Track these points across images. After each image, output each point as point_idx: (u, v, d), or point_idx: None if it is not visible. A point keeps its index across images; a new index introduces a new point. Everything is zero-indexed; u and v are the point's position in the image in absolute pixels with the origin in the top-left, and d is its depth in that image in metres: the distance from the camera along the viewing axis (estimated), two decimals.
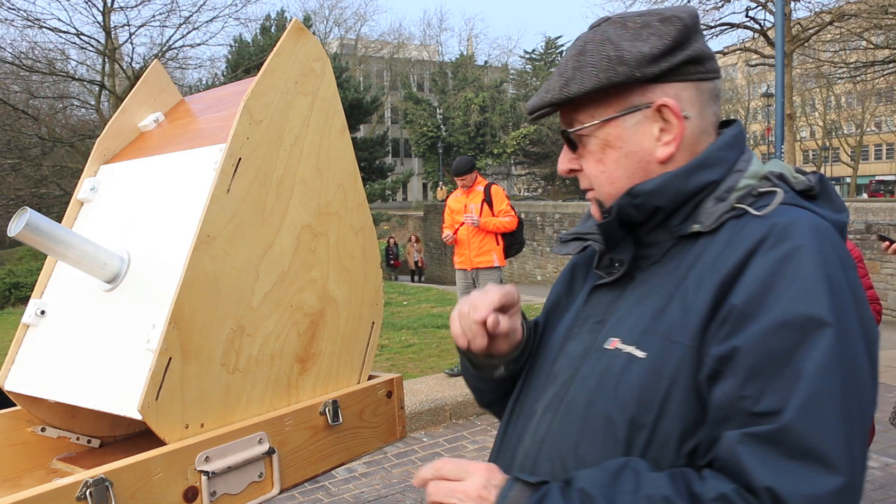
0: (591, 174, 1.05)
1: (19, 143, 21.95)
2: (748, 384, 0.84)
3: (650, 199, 1.00)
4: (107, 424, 1.28)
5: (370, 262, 1.31)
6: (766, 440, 0.81)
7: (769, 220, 0.92)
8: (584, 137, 1.05)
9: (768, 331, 0.84)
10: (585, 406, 0.98)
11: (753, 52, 22.41)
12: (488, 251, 6.71)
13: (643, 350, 0.95)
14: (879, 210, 10.20)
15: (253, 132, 1.11)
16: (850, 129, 47.74)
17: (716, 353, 0.87)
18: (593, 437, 0.96)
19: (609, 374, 0.97)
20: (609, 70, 0.99)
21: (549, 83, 1.05)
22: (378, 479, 4.43)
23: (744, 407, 0.84)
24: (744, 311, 0.87)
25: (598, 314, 1.07)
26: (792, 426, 0.80)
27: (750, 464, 0.81)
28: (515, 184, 53.55)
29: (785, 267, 0.87)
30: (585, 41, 1.04)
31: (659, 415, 0.91)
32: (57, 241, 1.07)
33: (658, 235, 1.03)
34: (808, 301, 0.84)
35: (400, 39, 54.11)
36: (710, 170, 1.02)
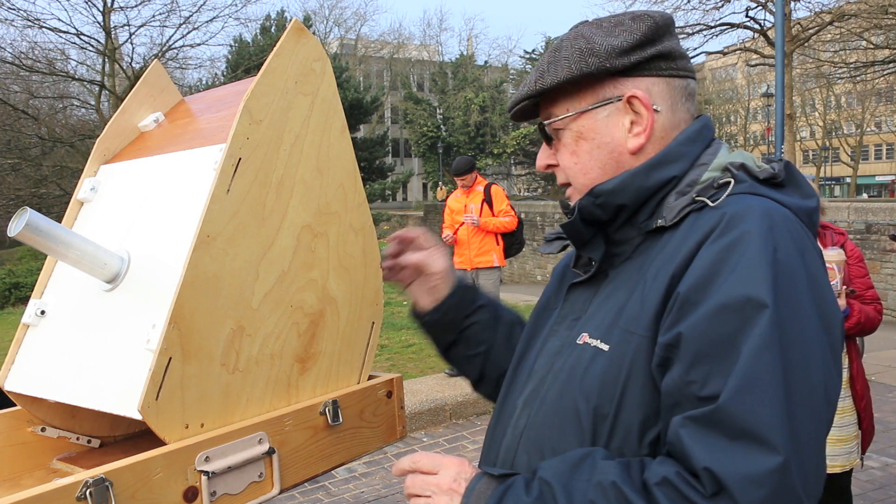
0: (566, 166, 1.09)
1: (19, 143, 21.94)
2: (693, 369, 0.85)
3: (612, 197, 1.02)
4: (107, 424, 1.28)
5: (370, 262, 1.31)
6: (704, 422, 0.82)
7: (720, 210, 0.94)
8: (559, 131, 1.08)
9: (710, 315, 0.85)
10: (557, 399, 1.01)
11: (753, 52, 22.40)
12: (488, 251, 6.72)
13: (607, 343, 0.98)
14: (879, 210, 10.19)
15: (253, 132, 1.11)
16: (850, 129, 47.72)
17: (663, 340, 0.89)
18: (563, 429, 0.98)
19: (577, 368, 1.00)
20: (581, 61, 1.02)
21: (527, 79, 1.09)
22: (378, 479, 4.43)
23: (691, 392, 0.85)
24: (688, 297, 0.88)
25: (575, 311, 1.09)
26: (728, 407, 0.81)
27: (690, 446, 0.82)
28: (515, 184, 53.54)
29: (730, 253, 0.88)
30: (562, 40, 1.08)
31: (619, 405, 0.93)
32: (57, 241, 1.07)
33: (627, 232, 1.05)
34: (748, 283, 0.85)
35: (400, 39, 54.09)
36: (670, 165, 1.03)
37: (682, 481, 0.81)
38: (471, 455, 4.81)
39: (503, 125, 45.84)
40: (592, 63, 1.02)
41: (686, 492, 0.81)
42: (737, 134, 48.61)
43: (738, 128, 48.99)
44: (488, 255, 6.72)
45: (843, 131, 47.86)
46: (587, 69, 1.02)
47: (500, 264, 6.81)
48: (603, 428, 0.94)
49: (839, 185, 54.69)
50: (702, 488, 0.80)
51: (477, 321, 1.32)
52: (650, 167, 1.02)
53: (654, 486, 0.82)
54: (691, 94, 1.08)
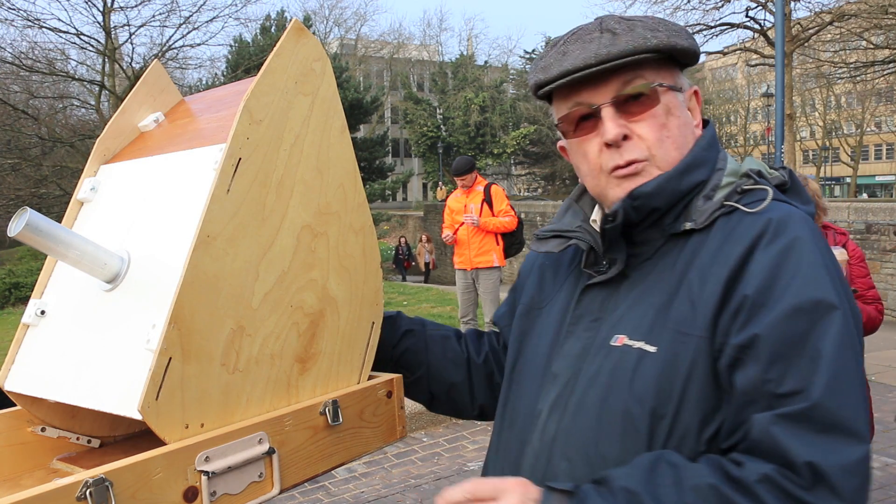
0: (657, 139, 1.03)
1: (19, 143, 21.94)
2: (770, 368, 0.88)
3: (649, 200, 1.02)
4: (107, 424, 1.28)
5: (370, 262, 1.31)
6: (798, 419, 0.86)
7: (763, 215, 0.97)
8: (648, 99, 1.03)
9: (784, 317, 0.89)
10: (600, 403, 0.99)
11: (753, 52, 22.40)
12: (488, 251, 6.72)
13: (652, 344, 0.98)
14: (879, 210, 10.20)
15: (253, 132, 1.11)
16: (850, 129, 47.70)
17: (736, 342, 0.91)
18: (613, 433, 0.97)
19: (622, 371, 0.99)
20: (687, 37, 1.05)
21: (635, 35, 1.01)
22: (378, 479, 4.43)
23: (768, 390, 0.88)
24: (756, 300, 0.91)
25: (592, 312, 1.08)
26: (822, 403, 0.85)
27: (786, 442, 0.85)
28: (515, 184, 53.55)
29: (787, 257, 0.92)
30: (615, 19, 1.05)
31: (679, 405, 0.94)
32: (57, 241, 1.07)
33: (650, 234, 1.06)
34: (815, 287, 0.90)
35: (400, 39, 54.10)
36: (699, 170, 1.05)
37: (783, 477, 0.84)
38: (471, 455, 4.81)
39: (503, 125, 45.84)
40: (690, 44, 1.04)
41: (788, 487, 0.83)
42: (737, 134, 48.59)
43: (738, 128, 48.96)
44: (488, 255, 6.72)
45: (843, 131, 47.84)
46: (690, 47, 1.04)
47: (500, 264, 6.81)
48: (660, 429, 0.94)
49: (839, 185, 54.67)
50: (802, 481, 0.83)
51: (406, 348, 1.34)
52: (682, 171, 1.03)
53: (756, 484, 0.84)
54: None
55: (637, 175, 1.04)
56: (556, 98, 1.11)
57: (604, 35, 1.01)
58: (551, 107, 1.17)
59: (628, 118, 1.03)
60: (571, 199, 1.24)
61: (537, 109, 43.07)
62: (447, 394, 1.35)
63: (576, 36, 1.05)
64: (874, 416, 3.12)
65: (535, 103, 40.73)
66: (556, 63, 1.04)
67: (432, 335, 1.36)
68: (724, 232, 0.99)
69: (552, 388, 1.07)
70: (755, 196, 1.02)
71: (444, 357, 1.34)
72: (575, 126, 1.08)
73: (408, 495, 4.19)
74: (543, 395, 1.08)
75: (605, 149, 1.05)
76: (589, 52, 1.01)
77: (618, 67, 1.01)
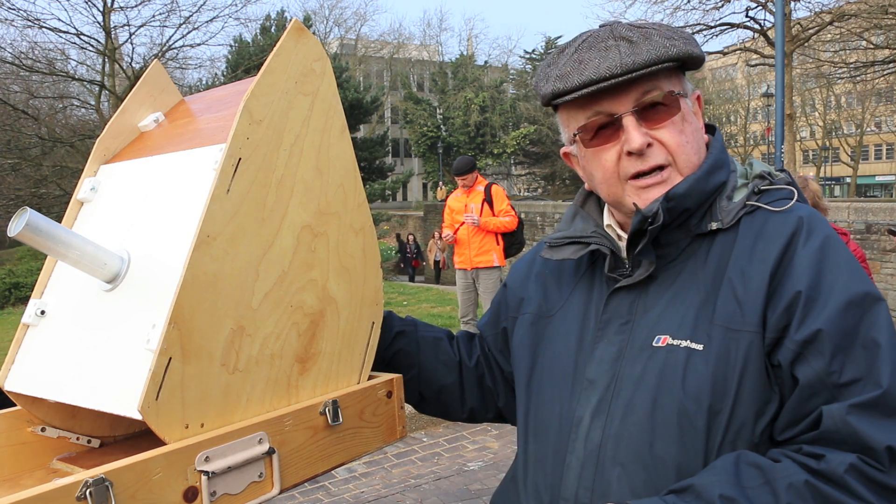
0: (678, 144, 1.05)
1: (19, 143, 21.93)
2: (833, 360, 0.92)
3: (682, 201, 1.04)
4: (107, 424, 1.28)
5: (370, 262, 1.31)
6: (871, 406, 0.89)
7: (792, 214, 1.02)
8: (665, 108, 1.05)
9: (840, 311, 0.93)
10: (651, 404, 1.00)
11: (753, 52, 22.40)
12: (488, 251, 6.72)
13: (698, 342, 0.99)
14: (879, 210, 10.20)
15: (253, 132, 1.11)
16: (850, 129, 47.69)
17: (799, 337, 0.94)
18: (668, 433, 0.98)
19: (671, 370, 1.00)
20: (694, 45, 1.06)
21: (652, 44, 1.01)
22: (378, 479, 4.43)
23: (831, 381, 0.92)
24: (810, 296, 0.95)
25: (621, 315, 1.08)
26: (891, 390, 0.89)
27: (864, 429, 0.88)
28: (515, 184, 53.55)
29: (827, 254, 0.97)
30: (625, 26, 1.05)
31: (735, 399, 0.96)
32: (57, 241, 1.07)
33: (676, 235, 1.07)
34: (858, 281, 0.95)
35: (400, 39, 54.10)
36: (720, 171, 1.08)
37: (864, 464, 0.88)
38: (471, 455, 4.81)
39: (503, 125, 45.85)
40: (698, 53, 1.06)
41: (870, 472, 0.87)
42: (737, 134, 48.58)
43: (738, 128, 48.96)
44: (488, 255, 6.72)
45: (843, 131, 47.84)
46: (701, 54, 1.06)
47: (500, 264, 6.81)
48: (718, 425, 0.96)
49: (839, 185, 54.67)
50: (881, 465, 0.87)
51: (399, 350, 1.35)
52: (708, 172, 1.06)
53: (845, 475, 0.87)
54: None
55: (662, 184, 1.05)
56: (572, 107, 1.09)
57: (620, 43, 1.01)
58: (557, 114, 1.16)
59: (650, 126, 1.04)
60: (577, 206, 1.23)
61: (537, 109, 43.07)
62: (437, 396, 1.36)
63: (588, 43, 1.05)
64: None
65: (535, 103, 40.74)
66: (574, 72, 1.03)
67: (424, 337, 1.36)
68: (753, 230, 1.02)
69: (591, 394, 1.06)
70: (774, 196, 1.06)
71: (435, 359, 1.35)
72: (593, 135, 1.08)
73: (408, 495, 4.19)
74: (582, 402, 1.07)
75: (625, 156, 1.05)
76: (611, 61, 1.00)
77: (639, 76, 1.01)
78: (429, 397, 1.37)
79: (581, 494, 1.02)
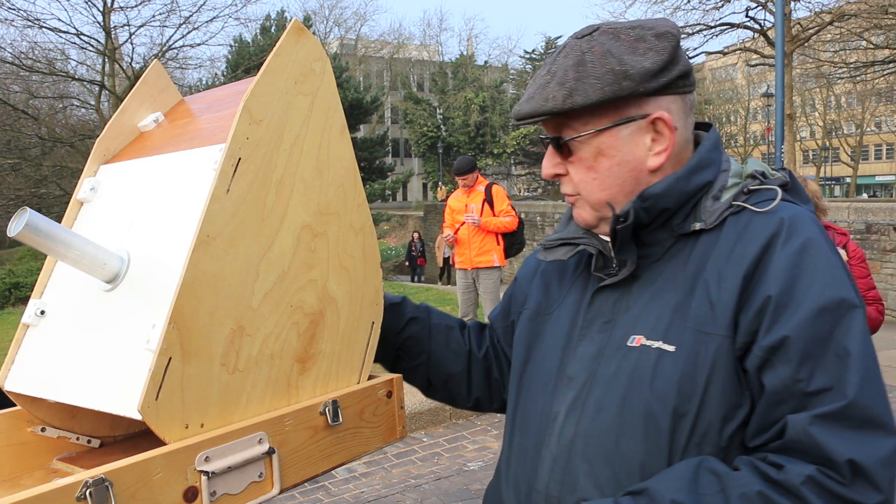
0: (581, 180, 1.09)
1: (19, 143, 21.94)
2: (800, 368, 0.90)
3: (659, 201, 1.04)
4: (107, 424, 1.28)
5: (370, 262, 1.31)
6: (835, 417, 0.88)
7: (774, 215, 0.99)
8: (576, 144, 1.07)
9: (811, 317, 0.91)
10: (620, 403, 1.00)
11: (753, 52, 22.40)
12: (489, 251, 6.72)
13: (671, 344, 0.99)
14: (879, 210, 10.20)
15: (253, 132, 1.11)
16: (850, 129, 47.69)
17: (765, 343, 0.92)
18: (634, 433, 0.98)
19: (641, 370, 1.00)
20: (615, 84, 1.01)
21: (546, 91, 1.05)
22: (378, 479, 4.43)
23: (799, 389, 0.90)
24: (780, 300, 0.93)
25: (604, 314, 1.09)
26: (857, 401, 0.87)
27: (826, 441, 0.87)
28: (515, 184, 53.55)
29: (804, 258, 0.94)
30: (583, 52, 1.05)
31: (701, 403, 0.95)
32: (57, 241, 1.07)
33: (659, 235, 1.07)
34: (835, 286, 0.93)
35: (400, 39, 54.10)
36: (706, 170, 1.07)
37: (823, 476, 0.86)
38: (471, 455, 4.81)
39: (503, 125, 45.84)
40: (627, 87, 1.01)
41: (829, 485, 0.86)
42: (737, 134, 48.59)
43: (738, 128, 48.96)
44: (489, 255, 6.72)
45: (843, 131, 47.84)
46: (621, 93, 1.01)
47: (500, 264, 6.81)
48: (683, 427, 0.95)
49: (839, 185, 54.66)
50: (841, 478, 0.86)
51: (410, 335, 1.36)
52: (690, 172, 1.05)
53: (801, 486, 0.86)
54: (694, 106, 1.12)
55: (575, 205, 1.13)
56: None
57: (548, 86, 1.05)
58: None
59: (562, 158, 1.10)
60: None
61: None
62: (445, 383, 1.38)
63: (545, 66, 1.09)
64: None
65: None
66: (522, 103, 1.10)
67: (436, 324, 1.38)
68: (736, 231, 1.00)
69: (568, 390, 1.07)
70: (762, 196, 1.04)
71: (446, 347, 1.36)
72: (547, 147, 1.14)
73: (408, 495, 4.19)
74: (560, 397, 1.08)
75: None
76: (534, 102, 1.06)
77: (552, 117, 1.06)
78: (436, 384, 1.38)
79: (552, 487, 1.04)
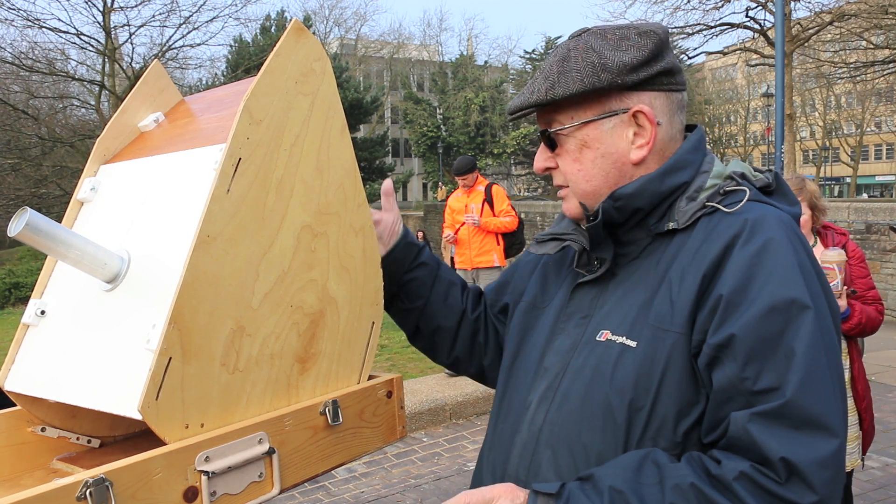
0: (568, 172, 1.13)
1: (19, 143, 21.95)
2: (747, 367, 0.92)
3: (631, 201, 1.07)
4: (107, 424, 1.28)
5: (370, 262, 1.31)
6: (772, 416, 0.89)
7: (740, 216, 1.01)
8: (562, 137, 1.12)
9: (759, 316, 0.92)
10: (583, 395, 1.04)
11: (753, 52, 22.40)
12: (489, 251, 6.72)
13: (634, 339, 1.02)
14: (879, 210, 10.20)
15: (253, 132, 1.11)
16: (850, 129, 47.69)
17: (713, 341, 0.94)
18: (593, 423, 1.02)
19: (604, 364, 1.03)
20: (593, 76, 1.06)
21: (533, 85, 1.11)
22: (378, 479, 4.43)
23: (745, 387, 0.92)
24: (731, 300, 0.94)
25: (582, 309, 1.13)
26: (794, 401, 0.88)
27: (762, 439, 0.88)
28: (515, 184, 53.55)
29: (762, 258, 0.96)
30: (569, 48, 1.11)
31: (655, 397, 0.97)
32: (57, 241, 1.07)
33: (636, 234, 1.10)
34: (788, 287, 0.93)
35: (400, 39, 54.08)
36: (681, 172, 1.09)
37: (757, 472, 0.87)
38: (470, 455, 4.81)
39: (503, 125, 45.84)
40: (605, 79, 1.06)
41: (763, 482, 0.87)
42: (737, 134, 48.59)
43: (738, 128, 48.95)
44: (489, 255, 6.72)
45: (843, 131, 47.83)
46: (599, 84, 1.06)
47: (500, 264, 6.81)
48: (638, 420, 0.98)
49: (839, 185, 54.66)
50: (776, 476, 0.87)
51: (415, 277, 1.39)
52: (664, 173, 1.08)
53: (733, 482, 0.88)
54: (683, 107, 1.15)
55: (564, 198, 1.17)
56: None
57: (535, 81, 1.10)
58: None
59: (552, 151, 1.15)
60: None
61: None
62: (432, 334, 1.41)
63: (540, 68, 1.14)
64: (874, 416, 3.11)
65: None
66: (514, 98, 1.16)
67: (441, 276, 1.42)
68: (704, 232, 1.03)
69: (542, 381, 1.12)
70: (736, 197, 1.06)
71: (444, 300, 1.40)
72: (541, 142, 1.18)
73: (408, 495, 4.19)
74: (534, 387, 1.13)
75: None
76: (521, 97, 1.12)
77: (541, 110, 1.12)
78: (424, 332, 1.41)
79: (520, 472, 1.08)
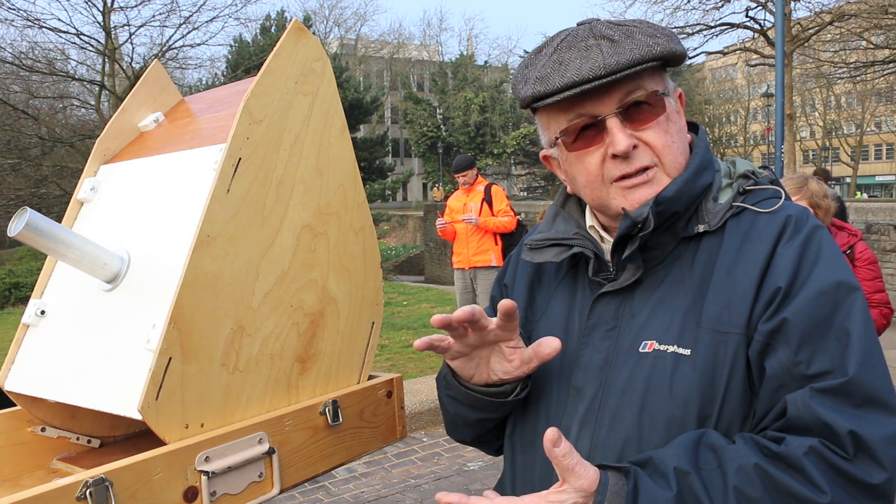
0: (663, 144, 1.01)
1: (19, 143, 21.94)
2: (800, 350, 0.91)
3: (671, 205, 1.01)
4: (107, 424, 1.28)
5: (370, 262, 1.31)
6: (835, 393, 0.88)
7: (781, 213, 1.01)
8: (650, 107, 1.01)
9: (810, 300, 0.92)
10: (638, 412, 0.98)
11: (753, 52, 22.40)
12: (486, 250, 6.72)
13: (686, 347, 0.97)
14: (879, 210, 10.20)
15: (253, 132, 1.11)
16: (850, 129, 47.69)
17: (765, 328, 0.93)
18: (655, 440, 0.96)
19: (658, 377, 0.97)
20: (676, 43, 1.02)
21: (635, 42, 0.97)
22: (378, 479, 4.43)
23: (799, 371, 0.91)
24: (786, 290, 0.94)
25: (607, 321, 1.05)
26: (857, 378, 0.88)
27: (827, 414, 0.87)
28: (515, 184, 53.52)
29: (808, 247, 0.97)
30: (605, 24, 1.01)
31: (723, 403, 0.95)
32: (57, 241, 1.07)
33: (663, 238, 1.04)
34: (835, 270, 0.94)
35: (400, 39, 54.08)
36: (707, 172, 1.06)
37: (826, 448, 0.86)
38: (470, 455, 4.81)
39: (503, 125, 45.84)
40: (683, 48, 1.03)
41: (831, 458, 0.85)
42: (737, 134, 48.58)
43: (738, 128, 48.95)
44: (486, 255, 6.72)
45: (843, 131, 47.83)
46: (684, 52, 1.03)
47: (498, 264, 6.80)
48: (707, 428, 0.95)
49: (839, 185, 54.65)
50: (843, 452, 0.86)
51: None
52: (696, 174, 1.04)
53: (803, 457, 0.86)
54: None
55: (648, 183, 1.01)
56: (552, 109, 1.05)
57: (601, 42, 0.97)
58: (536, 116, 1.10)
59: (634, 127, 1.01)
60: (557, 206, 1.19)
61: None
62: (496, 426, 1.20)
63: (567, 43, 1.01)
64: None
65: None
66: (554, 74, 0.99)
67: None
68: (740, 231, 1.01)
69: (578, 403, 1.03)
70: (760, 196, 1.04)
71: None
72: (576, 137, 1.03)
73: (408, 495, 4.19)
74: (569, 411, 1.04)
75: (609, 159, 1.01)
76: (593, 61, 0.96)
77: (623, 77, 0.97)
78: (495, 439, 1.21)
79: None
